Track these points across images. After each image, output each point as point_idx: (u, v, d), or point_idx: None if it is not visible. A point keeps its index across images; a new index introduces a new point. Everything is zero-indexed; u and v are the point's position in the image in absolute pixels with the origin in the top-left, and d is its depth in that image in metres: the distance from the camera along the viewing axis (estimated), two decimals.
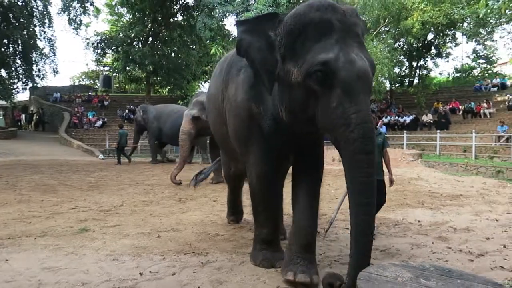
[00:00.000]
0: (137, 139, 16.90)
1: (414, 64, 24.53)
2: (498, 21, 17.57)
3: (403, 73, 25.19)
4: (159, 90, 32.84)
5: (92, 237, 4.42)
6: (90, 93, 30.33)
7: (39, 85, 25.60)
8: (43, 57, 25.08)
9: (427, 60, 24.55)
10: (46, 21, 24.17)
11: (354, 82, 2.39)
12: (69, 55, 62.05)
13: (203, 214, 5.76)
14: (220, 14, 21.16)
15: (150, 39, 25.61)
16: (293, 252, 3.11)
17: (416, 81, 24.96)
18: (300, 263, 3.02)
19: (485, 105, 18.56)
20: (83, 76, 39.71)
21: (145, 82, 27.09)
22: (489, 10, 10.61)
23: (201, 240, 4.35)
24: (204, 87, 35.48)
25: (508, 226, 4.95)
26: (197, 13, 22.54)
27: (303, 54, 2.53)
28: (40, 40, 24.70)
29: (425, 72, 24.96)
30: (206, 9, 21.34)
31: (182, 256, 3.73)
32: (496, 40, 25.88)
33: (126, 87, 36.90)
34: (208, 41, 22.24)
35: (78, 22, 24.22)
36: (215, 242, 4.27)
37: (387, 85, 23.23)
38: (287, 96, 2.72)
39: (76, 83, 37.50)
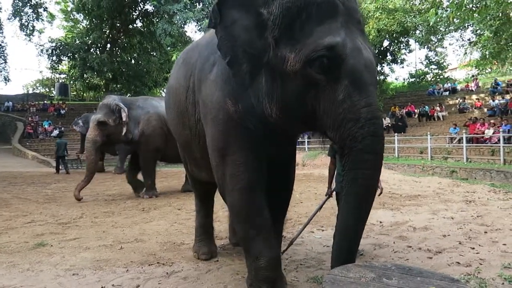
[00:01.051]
0: (83, 148, 16.39)
1: None
2: (447, 29, 18.59)
3: None
4: None
5: (50, 252, 4.22)
6: (45, 102, 29.10)
7: None
8: None
9: (383, 66, 25.54)
10: None
11: (363, 72, 2.08)
12: (22, 62, 59.38)
13: (168, 223, 5.66)
14: (180, 21, 21.03)
15: (109, 45, 24.99)
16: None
17: None
18: None
19: (438, 108, 19.55)
20: (38, 84, 38.10)
21: (104, 90, 26.34)
22: (438, 19, 11.15)
23: (166, 250, 4.26)
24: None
25: (462, 223, 5.20)
26: (157, 20, 22.25)
27: (303, 38, 2.12)
28: None
29: (382, 77, 25.94)
30: (166, 16, 21.12)
31: (147, 267, 3.64)
32: (446, 47, 27.37)
33: (84, 95, 35.73)
34: (169, 48, 22.04)
35: (31, 28, 23.25)
36: (180, 252, 4.19)
37: None
38: (280, 89, 2.26)
39: (30, 91, 35.89)
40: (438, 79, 26.89)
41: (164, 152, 8.59)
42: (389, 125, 19.73)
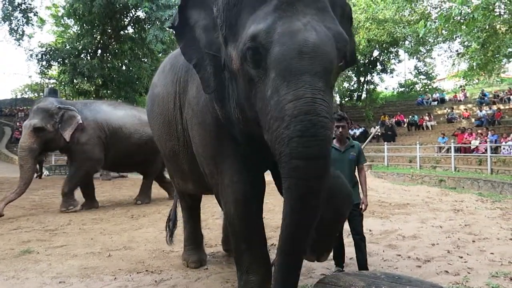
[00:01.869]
0: None
1: (362, 79, 25.74)
2: (436, 40, 18.87)
3: (352, 88, 26.35)
4: None
5: (36, 259, 4.15)
6: None
7: None
8: None
9: (373, 76, 25.92)
10: None
11: (294, 60, 1.72)
12: (10, 67, 58.79)
13: (157, 231, 5.60)
14: None
15: (100, 51, 24.82)
16: None
17: (364, 95, 26.20)
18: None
19: (427, 118, 19.81)
20: (26, 89, 37.73)
21: (94, 96, 26.13)
22: (427, 30, 11.35)
23: (155, 258, 4.22)
24: None
25: (451, 232, 5.25)
26: (149, 26, 22.22)
27: (240, 31, 1.93)
28: None
29: (372, 87, 26.29)
30: (158, 22, 21.10)
31: (135, 275, 3.60)
32: (434, 58, 27.91)
33: (74, 100, 35.48)
34: (160, 54, 21.97)
35: (20, 33, 22.95)
36: (169, 259, 4.15)
37: (337, 99, 24.14)
38: (236, 90, 2.10)
39: (19, 96, 35.52)
40: (427, 89, 27.29)
41: (102, 162, 8.03)
42: (379, 134, 19.90)
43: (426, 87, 28.22)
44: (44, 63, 24.26)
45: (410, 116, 20.75)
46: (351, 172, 3.54)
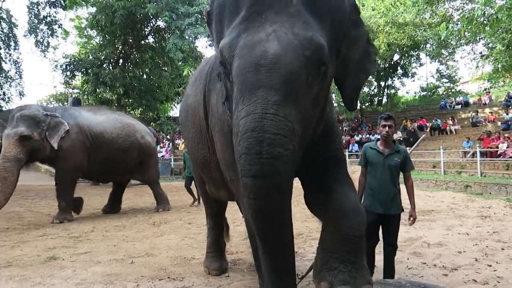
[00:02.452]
0: None
1: (382, 83, 25.41)
2: (458, 43, 18.48)
3: (372, 93, 26.00)
4: (131, 112, 32.47)
5: (61, 266, 4.23)
6: None
7: (4, 109, 24.76)
8: (9, 80, 24.40)
9: (394, 80, 25.55)
10: (12, 43, 23.63)
11: (250, 73, 1.66)
12: (37, 78, 60.60)
13: (178, 238, 5.64)
14: (191, 36, 21.32)
15: (121, 61, 25.36)
16: (328, 252, 2.04)
17: (384, 100, 25.87)
18: (340, 268, 1.97)
19: (450, 122, 19.36)
20: (51, 99, 38.74)
21: (116, 104, 26.65)
22: (449, 33, 11.13)
23: (177, 265, 4.23)
24: (177, 108, 35.36)
25: (478, 239, 5.08)
26: (169, 35, 22.59)
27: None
28: (6, 63, 24.05)
29: (393, 91, 25.93)
30: (177, 31, 21.44)
31: (157, 282, 3.62)
32: (457, 61, 27.24)
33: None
34: (180, 63, 22.28)
35: (46, 45, 23.71)
36: (191, 266, 4.16)
37: (358, 104, 23.88)
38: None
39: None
40: (450, 93, 26.74)
41: (86, 169, 7.72)
42: (400, 138, 19.57)
43: (449, 90, 27.66)
44: (68, 73, 24.93)
45: (433, 121, 20.32)
46: (393, 179, 3.31)
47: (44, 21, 22.73)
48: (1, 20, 22.14)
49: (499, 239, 5.08)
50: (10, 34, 23.52)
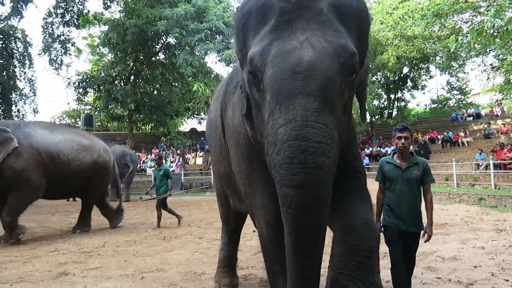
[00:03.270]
0: None
1: (392, 96, 25.36)
2: (468, 55, 18.42)
3: (382, 105, 25.93)
4: (142, 127, 32.79)
5: (72, 281, 4.23)
6: None
7: None
8: (23, 97, 24.88)
9: (404, 93, 25.48)
10: (27, 62, 24.17)
11: (286, 81, 1.66)
12: (50, 95, 61.75)
13: (189, 253, 5.61)
14: (201, 52, 21.61)
15: (132, 77, 25.79)
16: (337, 269, 2.00)
17: (395, 112, 25.79)
18: (349, 286, 1.93)
19: (462, 134, 19.14)
20: (64, 115, 39.38)
21: (127, 120, 26.95)
22: (459, 45, 11.08)
23: (187, 280, 4.20)
24: (187, 123, 35.63)
25: (494, 253, 4.97)
26: (179, 52, 22.94)
27: (246, 55, 1.92)
28: (20, 81, 24.57)
29: (403, 104, 25.83)
30: (187, 47, 21.75)
31: None
32: (467, 72, 27.10)
33: (108, 125, 36.72)
34: (190, 78, 22.55)
35: (59, 62, 24.24)
36: (201, 282, 4.13)
37: (368, 117, 23.81)
38: (253, 114, 2.10)
39: (57, 122, 37.16)
40: (461, 105, 26.52)
41: (44, 188, 7.00)
42: (412, 151, 19.36)
43: (460, 102, 27.43)
44: (81, 90, 25.40)
45: (445, 133, 20.12)
46: (414, 194, 3.07)
47: (58, 40, 23.29)
48: (16, 39, 22.70)
49: None
50: (25, 53, 24.08)
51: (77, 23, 23.21)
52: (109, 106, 25.31)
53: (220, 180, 3.63)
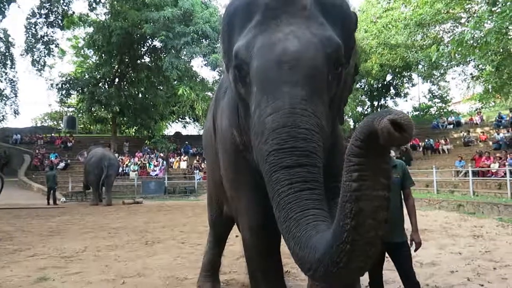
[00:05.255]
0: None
1: (376, 103, 25.81)
2: (449, 64, 18.86)
3: (366, 112, 26.33)
4: (126, 130, 32.47)
5: (52, 287, 4.19)
6: (53, 134, 29.44)
7: None
8: (3, 98, 24.40)
9: (387, 100, 26.00)
10: (8, 62, 23.74)
11: (272, 71, 1.66)
12: (32, 96, 60.54)
13: (171, 257, 5.59)
14: (187, 55, 21.57)
15: (117, 80, 25.52)
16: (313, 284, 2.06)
17: None
18: None
19: (443, 141, 19.58)
20: (46, 117, 38.74)
21: (111, 123, 26.67)
22: (440, 55, 11.39)
23: (169, 285, 4.20)
24: (172, 127, 35.45)
25: (470, 259, 5.10)
26: (165, 55, 22.84)
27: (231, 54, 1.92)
28: (1, 82, 24.13)
29: None
30: (173, 51, 21.69)
31: None
32: (448, 81, 27.75)
33: (91, 127, 36.24)
34: (175, 82, 22.46)
35: (42, 64, 23.82)
36: (183, 287, 4.13)
37: (351, 123, 24.12)
38: (241, 114, 2.08)
39: (38, 124, 36.49)
40: (442, 113, 27.11)
41: None
42: (394, 158, 19.70)
43: (441, 110, 28.05)
44: (63, 92, 25.01)
45: (426, 140, 20.53)
46: (396, 200, 2.81)
47: (41, 41, 22.90)
48: None
49: (491, 258, 5.10)
50: (7, 53, 23.66)
51: (61, 24, 22.83)
52: (93, 108, 25.02)
53: (215, 187, 3.49)
